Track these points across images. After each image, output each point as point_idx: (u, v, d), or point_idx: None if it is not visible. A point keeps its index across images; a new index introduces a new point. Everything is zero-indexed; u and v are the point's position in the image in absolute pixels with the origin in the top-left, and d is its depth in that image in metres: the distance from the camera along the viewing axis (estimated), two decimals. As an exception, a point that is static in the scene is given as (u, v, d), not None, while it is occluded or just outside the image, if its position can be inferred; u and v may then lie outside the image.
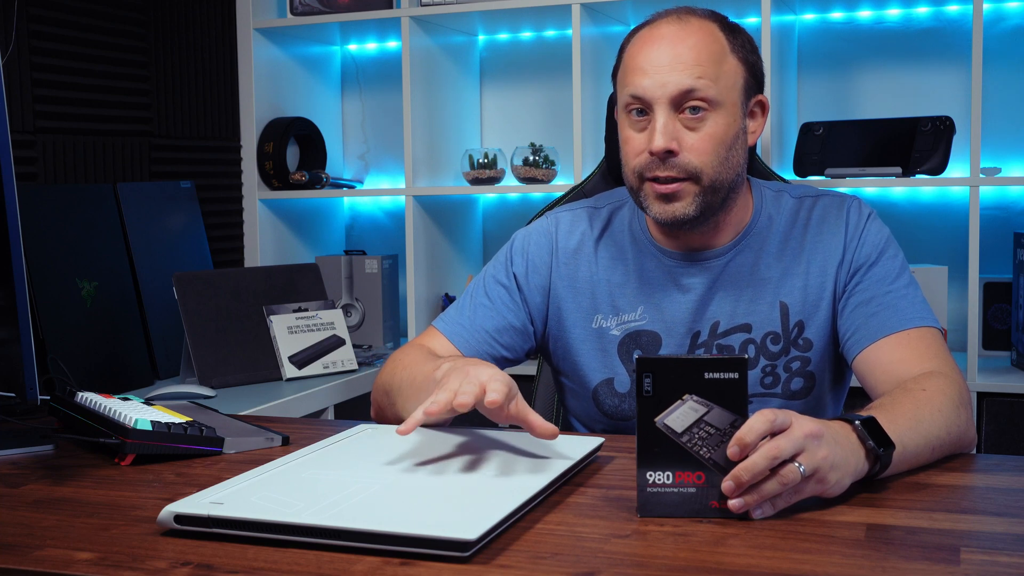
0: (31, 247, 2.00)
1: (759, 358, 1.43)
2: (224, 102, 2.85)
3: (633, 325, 1.47)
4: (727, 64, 1.38)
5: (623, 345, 1.47)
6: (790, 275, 1.44)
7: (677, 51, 1.36)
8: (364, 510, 0.98)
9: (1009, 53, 2.61)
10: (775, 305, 1.44)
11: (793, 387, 1.44)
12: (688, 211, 1.38)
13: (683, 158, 1.36)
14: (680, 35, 1.37)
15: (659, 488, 1.02)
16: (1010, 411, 2.37)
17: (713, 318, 1.45)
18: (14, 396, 1.38)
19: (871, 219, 1.45)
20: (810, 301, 1.44)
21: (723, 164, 1.37)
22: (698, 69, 1.35)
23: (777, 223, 1.47)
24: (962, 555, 0.90)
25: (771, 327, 1.44)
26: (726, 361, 1.00)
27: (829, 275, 1.44)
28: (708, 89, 1.35)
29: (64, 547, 0.96)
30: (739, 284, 1.45)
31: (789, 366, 1.44)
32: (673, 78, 1.35)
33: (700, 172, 1.36)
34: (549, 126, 3.00)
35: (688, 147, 1.36)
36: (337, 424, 1.53)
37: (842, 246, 1.44)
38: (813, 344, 1.43)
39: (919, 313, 1.38)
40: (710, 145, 1.36)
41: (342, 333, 2.43)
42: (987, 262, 2.58)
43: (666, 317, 1.46)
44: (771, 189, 1.51)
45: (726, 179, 1.38)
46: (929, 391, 1.23)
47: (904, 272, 1.42)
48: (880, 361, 1.36)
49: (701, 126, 1.36)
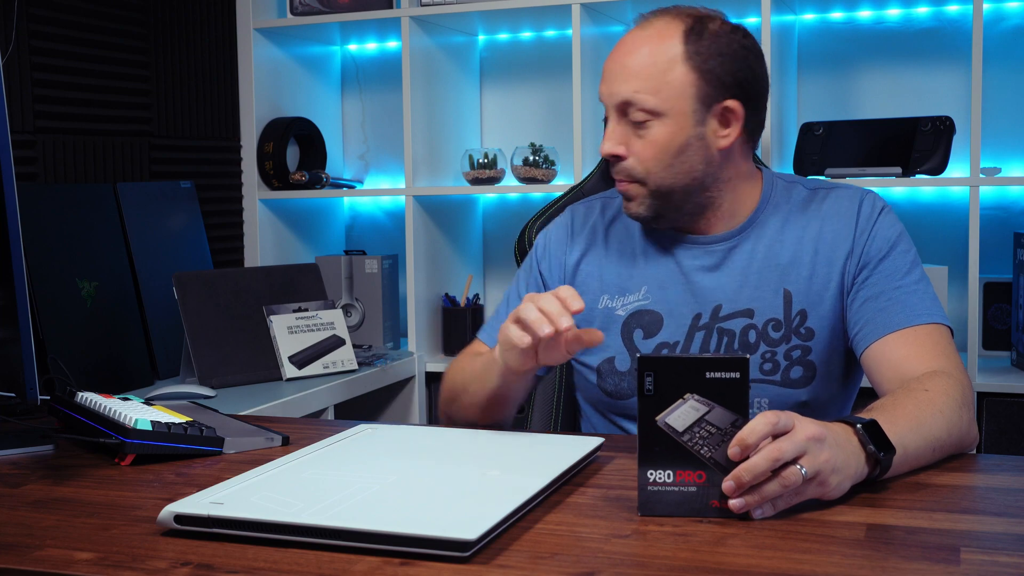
0: (31, 247, 2.00)
1: (759, 344, 1.44)
2: (224, 102, 2.85)
3: (636, 305, 1.50)
4: (673, 74, 1.39)
5: (626, 325, 1.50)
6: (797, 264, 1.45)
7: (624, 61, 1.42)
8: (364, 510, 0.98)
9: (1009, 53, 2.61)
10: (779, 292, 1.45)
11: (792, 375, 1.44)
12: (640, 211, 1.45)
13: (628, 163, 1.43)
14: (634, 43, 1.42)
15: (660, 487, 1.02)
16: (1010, 411, 2.37)
17: (716, 301, 1.46)
18: (14, 396, 1.38)
19: (884, 213, 1.46)
20: (815, 291, 1.44)
21: (668, 170, 1.41)
22: (636, 82, 1.40)
23: (785, 212, 1.49)
24: (962, 555, 0.90)
25: (773, 314, 1.44)
26: (727, 361, 1.00)
27: (836, 266, 1.44)
28: (646, 101, 1.39)
29: (64, 547, 0.96)
30: (744, 270, 1.46)
31: (790, 354, 1.44)
32: (616, 88, 1.42)
33: (644, 177, 1.43)
34: (549, 126, 3.00)
35: (634, 152, 1.42)
36: (337, 424, 1.53)
37: (851, 238, 1.44)
38: (815, 333, 1.43)
39: (928, 310, 1.38)
40: (652, 152, 1.41)
41: (342, 333, 2.43)
42: (987, 262, 2.58)
43: (668, 298, 1.48)
44: (785, 180, 1.53)
45: (676, 183, 1.42)
46: (931, 391, 1.23)
47: (915, 268, 1.42)
48: (887, 356, 1.36)
49: (646, 133, 1.41)
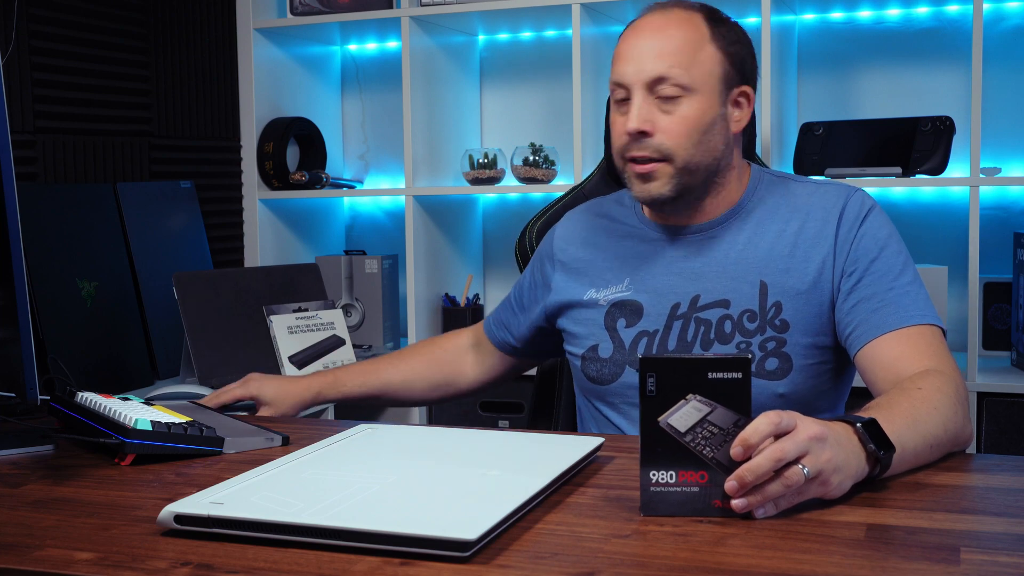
0: (31, 247, 2.00)
1: (735, 334, 1.45)
2: (224, 102, 2.85)
3: (618, 295, 1.53)
4: (704, 53, 1.43)
5: (609, 314, 1.53)
6: (773, 256, 1.46)
7: (654, 40, 1.43)
8: (364, 510, 0.98)
9: (1009, 53, 2.61)
10: (755, 284, 1.46)
11: (768, 367, 1.44)
12: (663, 191, 1.45)
13: (657, 139, 1.43)
14: (660, 25, 1.45)
15: (662, 487, 1.02)
16: (1010, 411, 2.36)
17: (694, 291, 1.48)
18: (14, 396, 1.38)
19: (872, 213, 1.46)
20: (790, 284, 1.45)
21: (697, 147, 1.43)
22: (672, 57, 1.42)
23: (769, 205, 1.50)
24: (962, 555, 0.90)
25: (749, 304, 1.45)
26: (730, 361, 1.00)
27: (813, 263, 1.44)
28: (681, 76, 1.41)
29: (64, 547, 0.96)
30: (723, 261, 1.48)
31: (764, 345, 1.44)
32: (646, 65, 1.42)
33: (673, 153, 1.43)
34: (549, 126, 3.00)
35: (662, 129, 1.42)
36: (337, 424, 1.53)
37: (833, 237, 1.44)
38: (790, 326, 1.44)
39: (921, 311, 1.38)
40: (683, 127, 1.42)
41: (342, 333, 2.43)
42: (987, 262, 2.58)
43: (648, 288, 1.51)
44: (773, 175, 1.54)
45: (702, 162, 1.44)
46: (926, 389, 1.23)
47: (908, 269, 1.42)
48: (880, 357, 1.36)
49: (675, 110, 1.42)
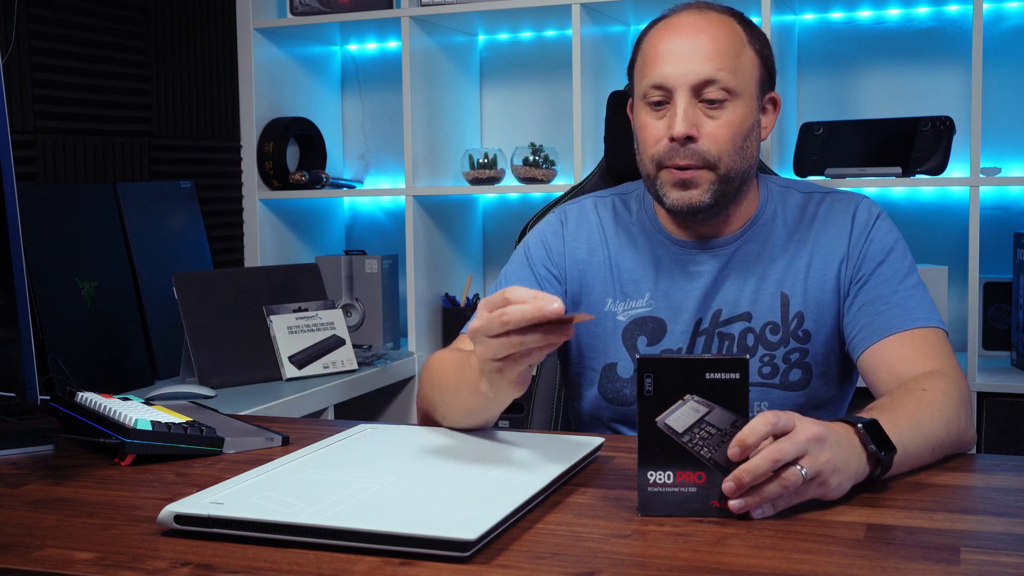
0: (31, 247, 2.00)
1: (758, 348, 1.45)
2: (224, 102, 2.85)
3: (639, 311, 1.49)
4: (745, 56, 1.41)
5: (628, 331, 1.49)
6: (793, 267, 1.46)
7: (698, 40, 1.38)
8: (364, 510, 0.98)
9: (1009, 53, 2.61)
10: (776, 296, 1.45)
11: (791, 378, 1.44)
12: (704, 199, 1.40)
13: (702, 145, 1.38)
14: (701, 25, 1.40)
15: (660, 488, 1.02)
16: (1010, 411, 2.36)
17: (716, 306, 1.46)
18: (14, 396, 1.38)
19: (880, 219, 1.46)
20: (811, 294, 1.45)
21: (739, 153, 1.40)
22: (719, 59, 1.37)
23: (782, 217, 1.49)
24: (962, 555, 0.90)
25: (771, 317, 1.45)
26: (727, 361, 1.00)
27: (831, 270, 1.44)
28: (728, 79, 1.37)
29: (64, 547, 0.96)
30: (743, 274, 1.46)
31: (788, 357, 1.44)
32: (694, 67, 1.37)
33: (717, 160, 1.38)
34: (549, 126, 3.00)
35: (706, 134, 1.38)
36: (337, 424, 1.53)
37: (847, 243, 1.45)
38: (812, 336, 1.44)
39: (925, 314, 1.38)
40: (728, 133, 1.38)
41: (342, 333, 2.43)
42: (987, 262, 2.58)
43: (672, 304, 1.47)
44: (778, 184, 1.53)
45: (740, 169, 1.41)
46: (929, 391, 1.23)
47: (912, 273, 1.43)
48: (883, 359, 1.36)
49: (720, 114, 1.38)
